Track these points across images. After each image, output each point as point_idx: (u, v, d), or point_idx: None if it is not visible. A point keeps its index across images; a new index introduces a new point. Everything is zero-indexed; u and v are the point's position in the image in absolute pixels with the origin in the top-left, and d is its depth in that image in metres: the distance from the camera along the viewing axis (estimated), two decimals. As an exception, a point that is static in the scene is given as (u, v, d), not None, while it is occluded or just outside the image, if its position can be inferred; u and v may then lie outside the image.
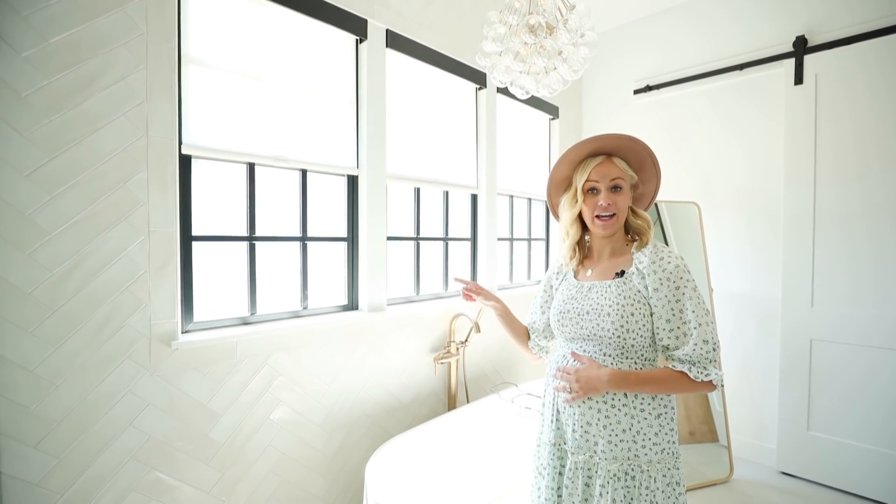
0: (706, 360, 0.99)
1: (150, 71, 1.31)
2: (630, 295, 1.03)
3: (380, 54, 1.96)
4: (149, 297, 1.33)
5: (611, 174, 1.08)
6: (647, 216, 1.13)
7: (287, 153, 1.72)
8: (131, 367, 1.30)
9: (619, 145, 1.10)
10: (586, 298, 1.09)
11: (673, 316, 1.01)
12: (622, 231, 1.13)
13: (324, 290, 1.89)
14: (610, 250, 1.13)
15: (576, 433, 1.07)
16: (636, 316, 1.02)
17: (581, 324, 1.08)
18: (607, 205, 1.07)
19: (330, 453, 1.80)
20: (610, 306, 1.04)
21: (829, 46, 2.26)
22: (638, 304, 1.02)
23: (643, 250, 1.07)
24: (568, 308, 1.12)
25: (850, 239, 2.22)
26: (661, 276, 1.02)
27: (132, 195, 1.29)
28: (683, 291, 1.01)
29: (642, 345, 1.04)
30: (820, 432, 2.30)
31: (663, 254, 1.05)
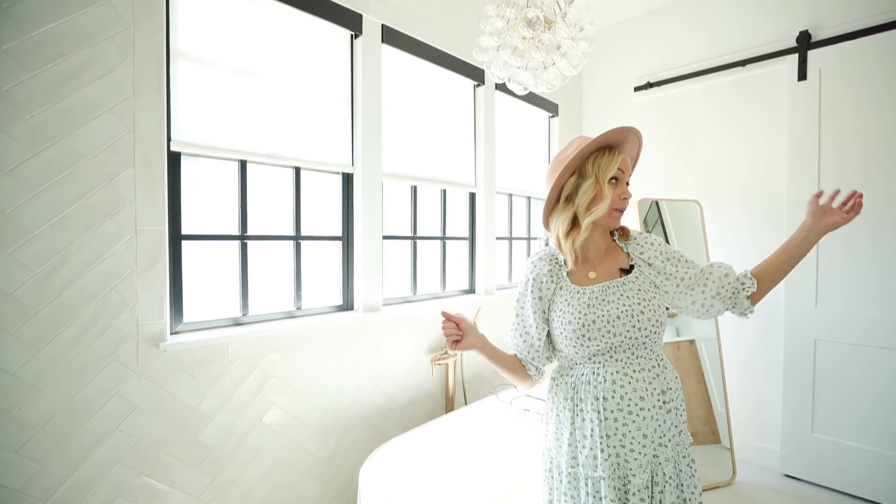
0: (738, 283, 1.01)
1: (137, 65, 1.28)
2: (647, 288, 1.02)
3: (375, 50, 1.92)
4: (136, 297, 1.30)
5: (627, 168, 1.05)
6: None
7: (280, 150, 1.68)
8: (118, 369, 1.27)
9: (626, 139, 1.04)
10: (607, 303, 0.99)
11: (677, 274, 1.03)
12: None
13: (318, 290, 1.86)
14: (605, 248, 1.08)
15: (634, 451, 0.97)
16: (661, 308, 1.02)
17: (613, 331, 0.97)
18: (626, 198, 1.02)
19: (324, 456, 1.76)
20: (639, 304, 0.99)
21: (834, 41, 2.22)
22: (656, 293, 1.03)
23: (632, 241, 1.08)
24: (592, 318, 0.97)
25: (855, 237, 2.17)
26: (655, 254, 1.06)
27: (119, 193, 1.26)
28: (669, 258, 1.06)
29: (661, 332, 1.03)
30: (824, 434, 2.26)
31: (643, 239, 1.09)
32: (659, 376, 1.01)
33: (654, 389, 0.99)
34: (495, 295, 2.53)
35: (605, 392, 0.99)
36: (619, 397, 0.98)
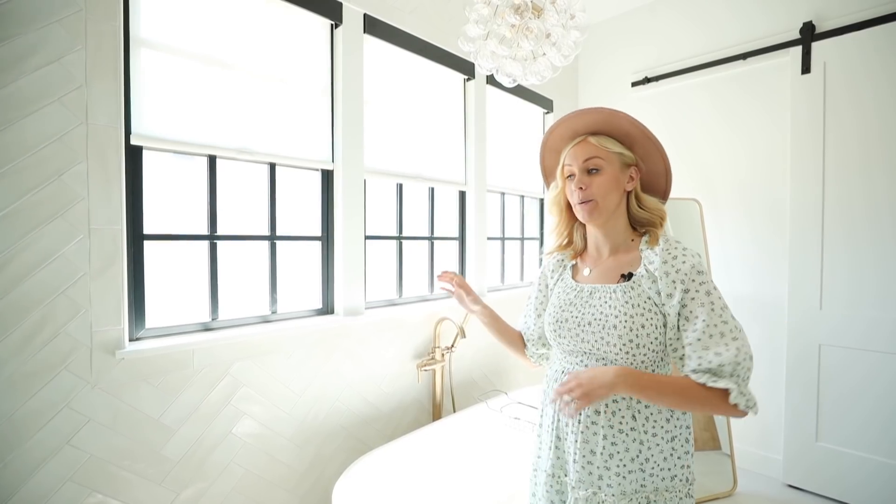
0: (721, 373, 0.81)
1: (89, 52, 1.19)
2: (639, 303, 0.88)
3: (357, 40, 1.83)
4: (89, 301, 1.20)
5: (584, 154, 0.94)
6: (655, 205, 0.96)
7: (253, 145, 1.59)
8: (68, 379, 1.18)
9: (590, 123, 0.96)
10: (587, 305, 0.94)
11: (683, 325, 0.85)
12: (624, 223, 0.97)
13: (296, 294, 1.76)
14: (611, 246, 0.97)
15: (577, 464, 0.92)
16: (647, 328, 0.86)
17: (582, 336, 0.92)
18: (579, 189, 0.94)
19: (301, 468, 1.67)
20: (616, 317, 0.88)
21: (839, 32, 2.12)
22: (649, 314, 0.87)
23: (654, 248, 0.91)
24: (566, 316, 0.96)
25: (864, 236, 2.07)
26: (674, 279, 0.86)
27: (69, 189, 1.17)
28: (693, 296, 0.84)
29: (653, 360, 0.89)
30: (830, 443, 2.16)
31: (676, 251, 0.88)
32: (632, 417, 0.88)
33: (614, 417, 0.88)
34: (487, 297, 2.44)
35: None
36: None
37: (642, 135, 0.94)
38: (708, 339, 0.82)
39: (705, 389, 0.81)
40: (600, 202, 0.93)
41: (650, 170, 0.98)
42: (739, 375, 0.80)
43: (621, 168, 0.95)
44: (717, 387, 0.80)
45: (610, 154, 0.94)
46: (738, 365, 0.80)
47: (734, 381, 0.79)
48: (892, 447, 2.00)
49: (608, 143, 0.94)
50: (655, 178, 0.99)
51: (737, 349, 0.80)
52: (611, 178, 0.93)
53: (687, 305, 0.85)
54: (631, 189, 0.96)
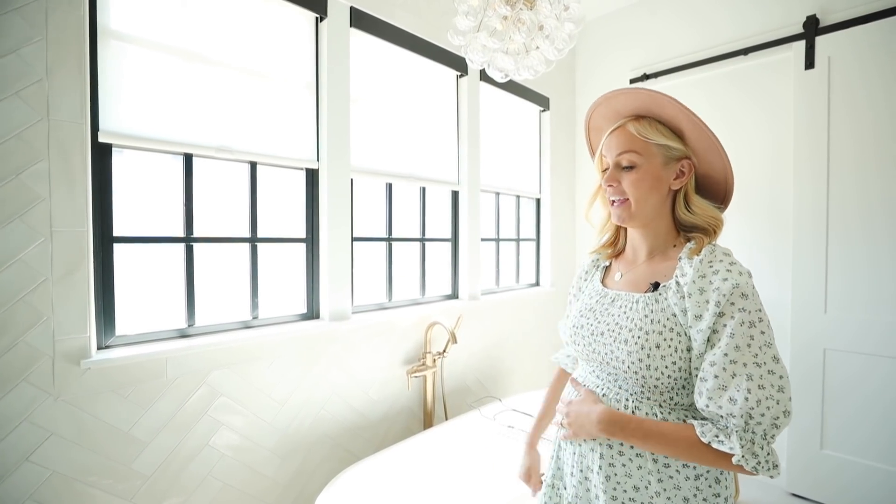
0: (733, 426, 0.67)
1: (50, 43, 1.12)
2: (660, 318, 0.75)
3: (343, 35, 1.76)
4: (51, 308, 1.13)
5: (618, 145, 0.81)
6: (707, 209, 0.80)
7: (233, 143, 1.52)
8: (28, 391, 1.10)
9: (631, 104, 0.81)
10: (605, 313, 0.84)
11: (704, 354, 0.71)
12: (667, 226, 0.84)
13: (279, 298, 1.69)
14: (648, 250, 0.85)
15: (574, 478, 0.84)
16: (663, 349, 0.73)
17: (594, 347, 0.83)
18: (608, 186, 0.82)
19: (283, 481, 1.60)
20: (630, 331, 0.77)
21: (845, 26, 2.05)
22: (669, 334, 0.74)
23: (693, 258, 0.76)
24: (582, 323, 0.87)
25: (871, 238, 2.00)
26: (708, 298, 0.71)
27: (28, 189, 1.10)
28: (726, 323, 0.69)
29: (671, 387, 0.75)
30: (834, 451, 2.09)
31: (719, 265, 0.73)
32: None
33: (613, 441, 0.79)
34: (481, 300, 2.37)
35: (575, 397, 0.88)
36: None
37: (691, 122, 0.77)
38: (729, 379, 0.67)
39: (703, 446, 0.69)
40: (634, 204, 0.80)
41: (705, 167, 0.81)
42: (755, 433, 0.66)
43: (665, 163, 0.80)
44: (720, 449, 0.67)
45: (649, 146, 0.79)
46: (753, 420, 0.65)
47: (744, 440, 0.65)
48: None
49: (651, 133, 0.79)
50: (711, 177, 0.82)
51: (758, 400, 0.65)
52: (648, 176, 0.79)
53: (717, 332, 0.69)
54: (679, 188, 0.81)
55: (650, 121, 0.80)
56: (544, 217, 2.92)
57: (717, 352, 0.69)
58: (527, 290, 2.77)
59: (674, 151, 0.80)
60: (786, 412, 0.66)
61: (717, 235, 0.79)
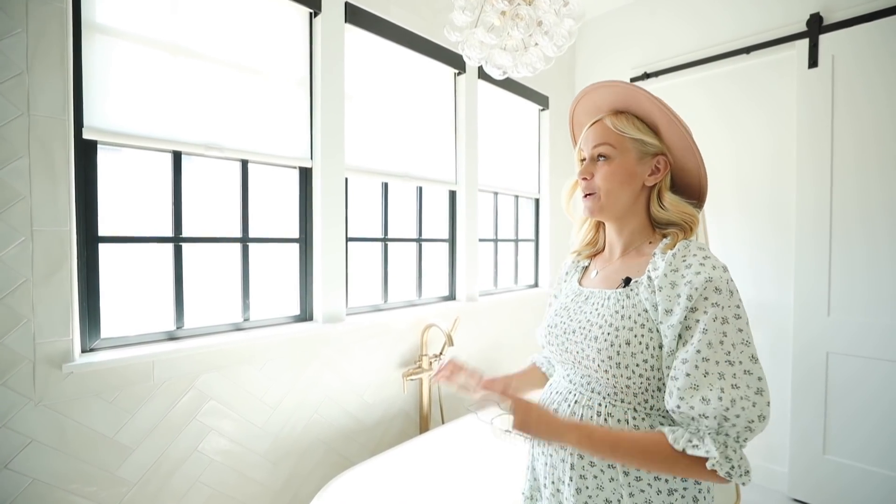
0: (705, 428, 0.64)
1: (31, 36, 1.08)
2: (630, 314, 0.73)
3: (337, 30, 1.72)
4: (32, 310, 1.09)
5: (594, 138, 0.81)
6: (679, 205, 0.79)
7: (223, 141, 1.48)
8: (7, 396, 1.07)
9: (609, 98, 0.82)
10: (579, 311, 0.82)
11: (675, 351, 0.69)
12: (641, 223, 0.82)
13: (272, 299, 1.65)
14: (622, 247, 0.84)
15: (547, 490, 0.82)
16: (633, 345, 0.71)
17: (567, 346, 0.81)
18: (582, 178, 0.82)
19: (275, 486, 1.56)
20: (600, 327, 0.74)
21: (848, 24, 2.02)
22: (640, 330, 0.71)
23: (668, 253, 0.74)
24: (556, 322, 0.85)
25: (876, 239, 1.96)
26: (679, 292, 0.68)
27: (7, 187, 1.06)
28: (699, 318, 0.66)
29: (645, 388, 0.72)
30: (837, 456, 2.05)
31: (692, 259, 0.70)
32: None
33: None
34: (478, 302, 2.33)
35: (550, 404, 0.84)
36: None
37: (666, 118, 0.77)
38: (701, 377, 0.64)
39: (675, 454, 0.65)
40: (604, 197, 0.79)
41: (680, 164, 0.80)
42: (728, 435, 0.63)
43: (639, 158, 0.79)
44: (695, 454, 0.63)
45: (624, 140, 0.78)
46: (728, 422, 0.62)
47: (717, 443, 0.62)
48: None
49: (627, 127, 0.79)
50: (686, 174, 0.81)
51: (732, 400, 0.61)
52: (620, 169, 0.78)
53: (690, 328, 0.66)
54: (653, 184, 0.80)
55: (628, 116, 0.81)
56: (543, 217, 2.88)
57: (690, 349, 0.66)
58: (525, 291, 2.73)
59: (649, 147, 0.79)
60: (761, 416, 0.62)
61: (693, 232, 0.78)
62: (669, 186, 0.81)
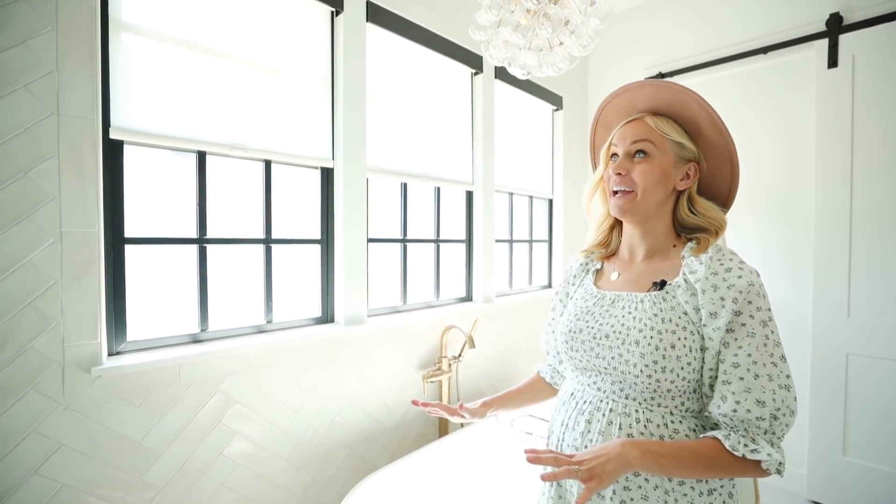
0: (758, 431, 0.67)
1: (61, 34, 1.06)
2: (671, 317, 0.72)
3: (359, 29, 1.70)
4: (61, 313, 1.07)
5: (633, 134, 0.79)
6: (712, 211, 0.79)
7: (247, 141, 1.46)
8: (37, 400, 1.05)
9: (653, 99, 0.80)
10: (607, 315, 0.80)
11: (720, 354, 0.70)
12: (666, 226, 0.82)
13: (294, 301, 1.64)
14: (646, 249, 0.83)
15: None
16: (678, 349, 0.71)
17: (597, 351, 0.78)
18: (617, 174, 0.79)
19: (299, 491, 1.54)
20: (640, 331, 0.73)
21: (869, 24, 2.01)
22: (682, 333, 0.71)
23: (700, 256, 0.75)
24: (580, 326, 0.82)
25: (889, 242, 1.95)
26: (723, 295, 0.69)
27: (37, 187, 1.04)
28: (745, 322, 0.68)
29: (683, 389, 0.73)
30: (857, 458, 2.04)
31: (730, 263, 0.72)
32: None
33: None
34: (495, 303, 2.31)
35: (571, 419, 0.81)
36: (578, 434, 0.78)
37: (712, 125, 0.77)
38: (753, 380, 0.66)
39: (735, 459, 0.66)
40: (640, 195, 0.78)
41: (712, 171, 0.81)
42: (775, 433, 0.67)
43: (676, 161, 0.79)
44: (756, 458, 0.65)
45: (665, 140, 0.78)
46: (777, 420, 0.66)
47: (769, 440, 0.67)
48: (927, 464, 1.88)
49: (668, 128, 0.79)
50: (716, 180, 0.82)
51: (782, 401, 0.66)
52: (659, 169, 0.77)
53: (734, 331, 0.69)
54: (683, 189, 0.80)
55: (667, 118, 0.80)
56: (557, 218, 2.87)
57: (740, 353, 0.68)
58: (539, 291, 2.72)
59: (686, 152, 0.80)
60: (794, 412, 0.68)
61: (720, 237, 0.79)
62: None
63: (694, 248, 0.77)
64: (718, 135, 0.78)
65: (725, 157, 0.79)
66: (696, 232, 0.80)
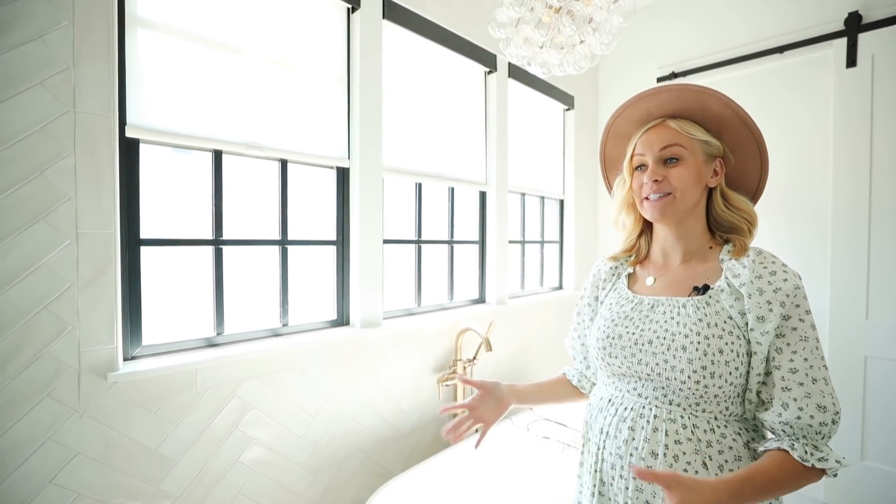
0: (818, 436, 0.67)
1: (78, 29, 1.03)
2: (717, 322, 0.72)
3: (375, 26, 1.67)
4: (77, 317, 1.04)
5: (661, 141, 0.79)
6: (746, 206, 0.80)
7: (263, 140, 1.43)
8: (52, 407, 1.01)
9: (670, 103, 0.79)
10: (646, 320, 0.78)
11: (774, 360, 0.69)
12: (702, 226, 0.82)
13: (309, 304, 1.60)
14: (682, 252, 0.82)
15: None
16: (726, 353, 0.70)
17: (639, 357, 0.77)
18: (653, 182, 0.78)
19: (315, 497, 1.51)
20: (686, 336, 0.72)
21: (889, 23, 1.98)
22: (729, 338, 0.71)
23: (742, 259, 0.75)
24: (619, 332, 0.80)
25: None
26: (769, 299, 0.69)
27: (53, 187, 1.00)
28: (795, 326, 0.69)
29: (729, 394, 0.72)
30: (877, 462, 2.02)
31: (774, 266, 0.72)
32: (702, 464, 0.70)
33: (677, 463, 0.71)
34: (508, 305, 2.28)
35: (612, 426, 0.78)
36: (622, 441, 0.76)
37: (738, 120, 0.79)
38: (812, 385, 0.67)
39: (805, 470, 0.65)
40: (679, 196, 0.77)
41: (740, 164, 0.82)
42: (830, 437, 0.68)
43: (705, 160, 0.79)
44: (824, 467, 0.65)
45: (693, 142, 0.78)
46: (835, 424, 0.67)
47: (826, 444, 0.68)
48: (949, 468, 1.86)
49: (692, 129, 0.79)
50: (745, 174, 0.83)
51: (834, 403, 0.68)
52: (693, 170, 0.77)
53: (785, 336, 0.69)
54: (714, 185, 0.81)
55: (687, 119, 0.80)
56: (568, 219, 2.84)
57: (796, 358, 0.68)
58: (551, 293, 2.69)
59: (712, 148, 0.80)
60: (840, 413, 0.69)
61: (753, 235, 0.79)
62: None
63: (732, 250, 0.77)
64: (744, 128, 0.79)
65: (753, 148, 0.80)
66: (730, 231, 0.81)
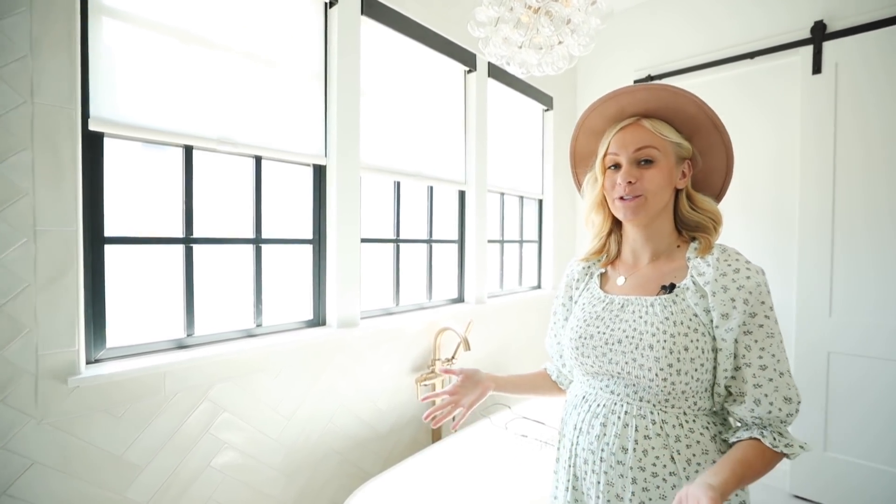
0: (783, 425, 0.72)
1: (36, 15, 0.98)
2: (682, 320, 0.73)
3: (353, 22, 1.65)
4: (35, 319, 0.99)
5: (635, 142, 0.79)
6: (711, 206, 0.82)
7: (236, 135, 1.39)
8: (6, 414, 0.96)
9: (645, 102, 0.79)
10: (617, 320, 0.80)
11: (744, 358, 0.72)
12: (670, 226, 0.83)
13: (284, 304, 1.57)
14: (651, 252, 0.83)
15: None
16: (692, 351, 0.72)
17: (610, 356, 0.78)
18: (627, 183, 0.78)
19: (290, 500, 1.48)
20: (653, 335, 0.74)
21: (852, 32, 2.06)
22: (694, 335, 0.73)
23: (707, 257, 0.76)
24: (591, 332, 0.82)
25: (875, 242, 2.02)
26: (733, 296, 0.71)
27: (8, 182, 0.95)
28: (762, 323, 0.71)
29: (696, 390, 0.74)
30: (838, 453, 2.11)
31: (737, 263, 0.74)
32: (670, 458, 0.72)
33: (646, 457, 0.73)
34: (487, 304, 2.29)
35: (585, 423, 0.80)
36: (594, 437, 0.78)
37: (710, 123, 0.80)
38: (779, 379, 0.71)
39: (774, 455, 0.70)
40: (650, 199, 0.78)
41: (707, 166, 0.84)
42: (790, 423, 0.73)
43: (676, 162, 0.80)
44: (791, 452, 0.70)
45: (666, 144, 0.79)
46: (798, 413, 0.72)
47: (788, 430, 0.73)
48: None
49: (665, 130, 0.79)
50: (710, 176, 0.85)
51: (797, 394, 0.72)
52: (665, 173, 0.78)
53: (752, 333, 0.71)
54: (682, 187, 0.82)
55: (660, 120, 0.81)
56: (546, 218, 2.87)
57: (765, 354, 0.70)
58: (529, 292, 2.71)
59: (684, 151, 0.81)
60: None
61: (719, 233, 0.81)
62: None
63: (698, 248, 0.79)
64: (716, 132, 0.81)
65: (721, 152, 0.82)
66: (696, 230, 0.82)
